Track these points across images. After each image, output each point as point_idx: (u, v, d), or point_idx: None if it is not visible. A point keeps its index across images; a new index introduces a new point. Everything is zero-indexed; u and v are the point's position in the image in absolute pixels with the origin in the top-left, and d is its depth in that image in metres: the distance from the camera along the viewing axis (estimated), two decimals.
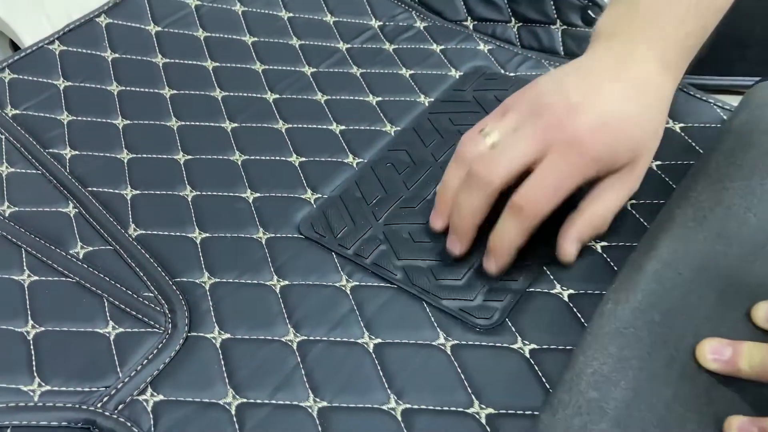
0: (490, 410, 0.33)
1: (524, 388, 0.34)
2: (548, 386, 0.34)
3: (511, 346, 0.36)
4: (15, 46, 1.11)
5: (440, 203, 0.40)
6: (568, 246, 0.38)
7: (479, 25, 0.58)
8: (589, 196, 0.38)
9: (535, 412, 0.32)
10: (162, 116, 0.50)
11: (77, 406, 0.34)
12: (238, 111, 0.50)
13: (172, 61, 0.54)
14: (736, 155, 0.39)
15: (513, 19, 0.56)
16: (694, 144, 0.46)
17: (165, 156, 0.47)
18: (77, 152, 0.47)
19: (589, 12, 0.54)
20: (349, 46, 0.56)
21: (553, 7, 0.55)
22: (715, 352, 0.30)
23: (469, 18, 0.58)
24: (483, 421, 0.33)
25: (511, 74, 0.53)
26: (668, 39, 0.38)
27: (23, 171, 0.46)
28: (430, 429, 0.33)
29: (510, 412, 0.33)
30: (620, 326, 0.32)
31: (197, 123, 0.50)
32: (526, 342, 0.36)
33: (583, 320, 0.37)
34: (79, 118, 0.50)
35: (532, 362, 0.35)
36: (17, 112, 0.50)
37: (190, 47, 0.55)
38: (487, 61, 0.54)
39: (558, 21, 0.55)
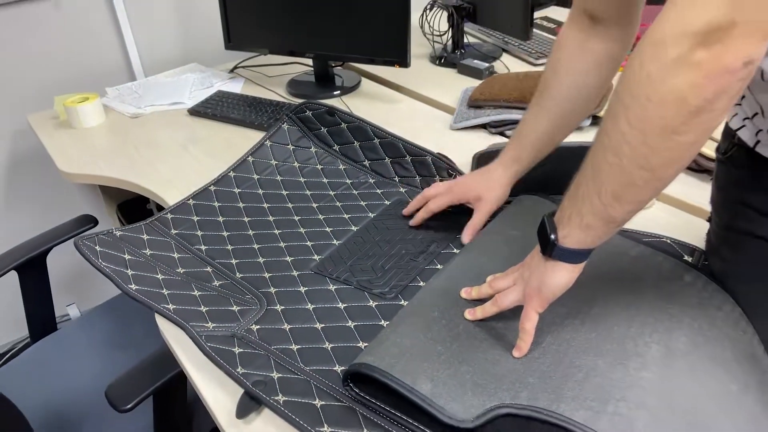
0: (388, 323, 0.84)
1: None
2: None
3: (399, 303, 0.87)
4: (122, 211, 1.74)
5: None
6: (466, 237, 0.94)
7: (402, 179, 1.15)
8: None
9: None
10: (244, 229, 1.05)
11: (226, 331, 0.85)
12: (281, 225, 1.06)
13: (248, 205, 1.11)
14: (493, 225, 0.94)
15: (417, 176, 1.13)
16: None
17: (248, 246, 1.01)
18: (207, 247, 1.02)
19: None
20: (335, 193, 1.13)
21: (433, 167, 1.12)
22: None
23: (396, 177, 1.15)
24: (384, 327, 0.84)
25: None
26: (508, 154, 0.95)
27: (184, 256, 1.00)
28: (366, 332, 0.83)
29: None
30: (429, 289, 0.84)
31: (262, 231, 1.04)
32: (406, 302, 0.87)
33: None
34: (206, 233, 1.05)
35: None
36: (176, 231, 1.05)
37: (256, 198, 1.12)
38: (404, 196, 1.10)
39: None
